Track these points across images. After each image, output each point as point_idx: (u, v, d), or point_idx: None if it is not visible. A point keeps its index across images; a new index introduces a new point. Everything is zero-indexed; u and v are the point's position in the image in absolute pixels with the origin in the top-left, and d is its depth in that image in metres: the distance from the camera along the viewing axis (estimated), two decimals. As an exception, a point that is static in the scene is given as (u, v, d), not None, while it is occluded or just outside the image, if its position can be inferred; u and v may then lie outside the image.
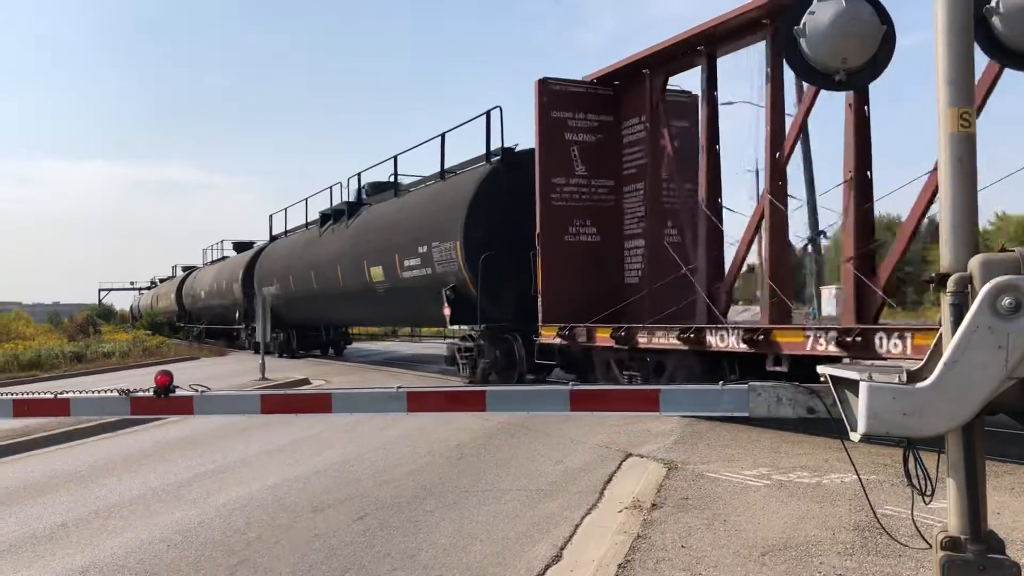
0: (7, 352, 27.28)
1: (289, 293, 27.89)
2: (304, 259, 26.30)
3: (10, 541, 6.69)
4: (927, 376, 3.57)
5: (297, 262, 27.07)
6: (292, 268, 27.39)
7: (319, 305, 26.23)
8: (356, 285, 21.65)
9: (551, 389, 4.64)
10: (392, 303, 20.69)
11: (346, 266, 22.25)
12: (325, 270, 23.98)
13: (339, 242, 23.24)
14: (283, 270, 28.60)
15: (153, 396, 4.98)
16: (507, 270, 15.38)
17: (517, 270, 14.98)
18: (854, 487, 6.99)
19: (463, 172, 17.88)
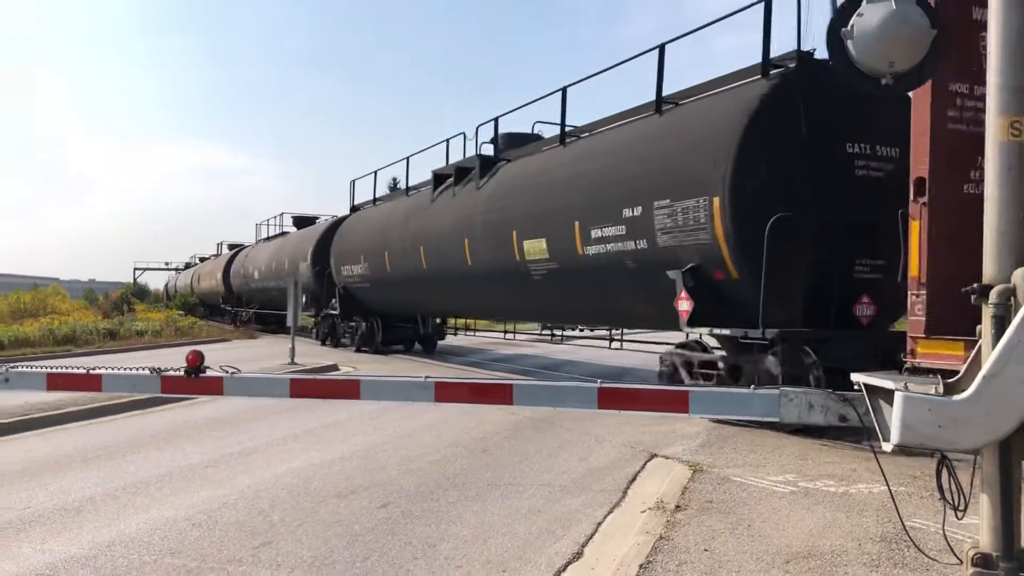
0: (43, 326, 27.71)
1: (381, 274, 22.60)
2: (407, 232, 20.73)
3: (40, 512, 6.80)
4: (965, 388, 3.51)
5: (395, 236, 21.52)
6: (388, 243, 21.87)
7: (426, 289, 20.61)
8: (496, 264, 16.11)
9: (579, 385, 4.61)
10: (556, 289, 14.57)
11: (479, 239, 16.73)
12: (441, 245, 18.63)
13: (465, 208, 17.71)
14: (373, 246, 23.04)
15: (184, 376, 5.03)
16: (799, 246, 9.98)
17: (813, 245, 10.12)
18: (882, 498, 6.89)
19: (710, 96, 11.84)
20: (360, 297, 24.95)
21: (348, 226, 26.60)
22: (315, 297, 28.12)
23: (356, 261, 24.35)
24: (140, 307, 50.06)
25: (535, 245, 14.57)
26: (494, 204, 16.40)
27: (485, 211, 16.64)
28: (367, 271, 23.60)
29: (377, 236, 23.05)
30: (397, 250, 21.36)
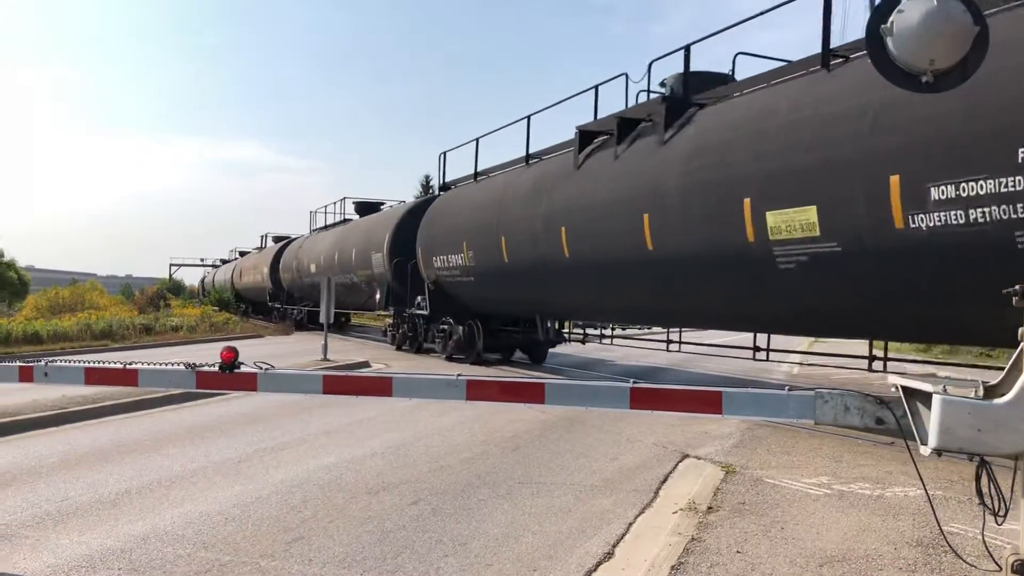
0: (81, 321, 28.15)
1: (492, 265, 17.79)
2: (536, 209, 15.72)
3: (77, 505, 6.90)
4: (1005, 392, 3.45)
5: (516, 215, 16.63)
6: (505, 226, 17.02)
7: (565, 283, 15.26)
8: (703, 247, 11.12)
9: (611, 385, 4.59)
10: (829, 282, 9.43)
11: (672, 213, 11.67)
12: (597, 224, 13.57)
13: (644, 172, 12.53)
14: (481, 230, 18.20)
15: (218, 371, 5.08)
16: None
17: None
18: (918, 502, 6.80)
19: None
20: (456, 294, 20.55)
21: (441, 207, 21.72)
22: (393, 294, 24.19)
23: (454, 249, 19.70)
24: (175, 303, 50.75)
25: (790, 217, 9.50)
26: (702, 161, 11.18)
27: (683, 172, 11.46)
28: (471, 262, 18.77)
29: (487, 217, 18.09)
30: (519, 233, 16.48)
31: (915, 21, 4.07)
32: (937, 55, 4.10)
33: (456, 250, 19.61)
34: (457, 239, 19.56)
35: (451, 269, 20.13)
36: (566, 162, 15.50)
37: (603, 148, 14.33)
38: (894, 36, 4.15)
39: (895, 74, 4.27)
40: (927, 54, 4.11)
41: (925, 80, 4.19)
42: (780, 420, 5.61)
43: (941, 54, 4.09)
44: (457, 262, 19.66)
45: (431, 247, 21.34)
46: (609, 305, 15.63)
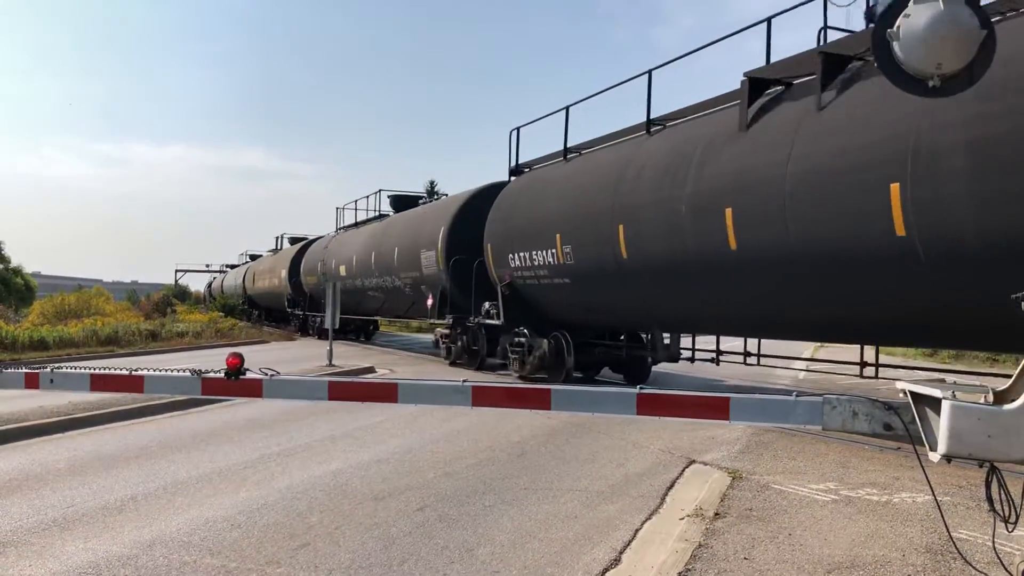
0: (87, 327, 28.21)
1: (600, 263, 13.96)
2: (681, 189, 11.62)
3: (83, 511, 6.90)
4: (1015, 398, 3.43)
5: (642, 198, 12.69)
6: (623, 211, 13.19)
7: (721, 285, 11.30)
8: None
9: (617, 391, 4.58)
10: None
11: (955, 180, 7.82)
12: (792, 200, 9.61)
13: (886, 125, 8.60)
14: (586, 218, 14.30)
15: (224, 377, 5.08)
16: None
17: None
18: (926, 507, 6.77)
19: None
20: (538, 299, 16.77)
21: (518, 194, 17.83)
22: (449, 299, 20.64)
23: (540, 244, 15.82)
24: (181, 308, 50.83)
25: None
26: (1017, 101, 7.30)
27: (978, 118, 7.55)
28: (568, 259, 14.84)
29: (595, 203, 14.05)
30: (647, 222, 12.55)
31: (922, 25, 4.06)
32: (944, 59, 4.09)
33: (544, 245, 15.69)
34: (546, 232, 15.61)
35: (535, 269, 16.29)
36: (723, 122, 11.56)
37: (786, 99, 10.64)
38: (901, 40, 4.14)
39: (902, 79, 4.26)
40: (934, 58, 4.10)
41: (932, 84, 4.17)
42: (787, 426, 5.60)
43: (948, 58, 4.08)
44: (545, 260, 15.77)
45: (506, 242, 17.36)
46: (807, 317, 10.73)
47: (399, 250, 24.19)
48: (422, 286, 22.64)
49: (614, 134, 15.39)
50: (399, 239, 24.58)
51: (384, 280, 25.59)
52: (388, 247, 25.26)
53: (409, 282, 23.66)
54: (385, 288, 25.91)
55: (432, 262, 21.38)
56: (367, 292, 27.86)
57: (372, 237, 27.78)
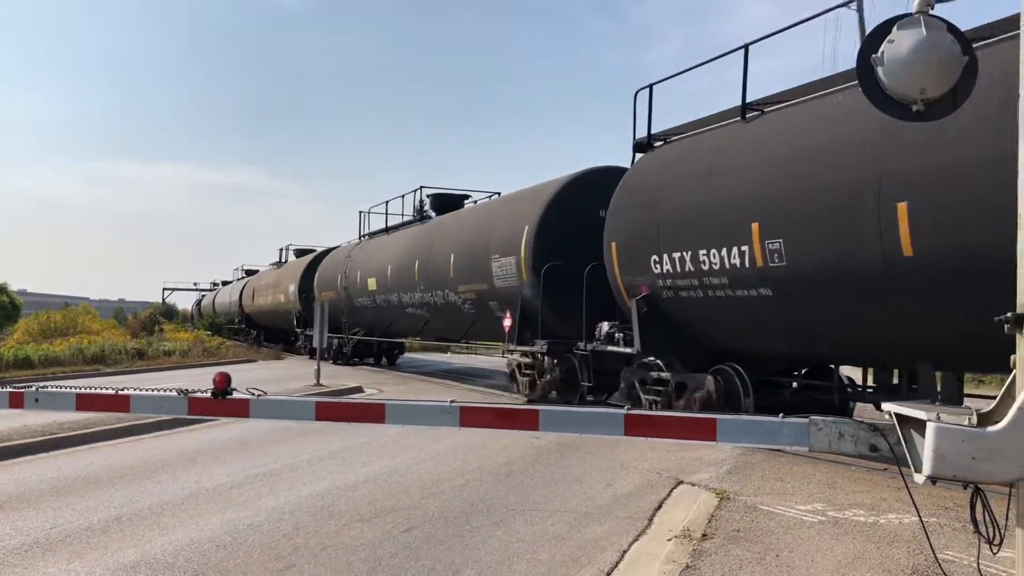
0: (73, 345, 28.03)
1: (843, 263, 9.23)
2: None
3: (67, 532, 6.83)
4: (999, 420, 3.45)
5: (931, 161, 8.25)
6: (897, 184, 8.58)
7: None
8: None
9: (605, 412, 4.58)
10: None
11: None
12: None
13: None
14: (811, 198, 9.70)
15: (210, 397, 5.06)
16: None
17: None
18: (913, 528, 6.78)
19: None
20: (698, 320, 12.13)
21: (662, 171, 13.03)
22: (540, 319, 16.15)
23: (714, 240, 11.13)
24: (168, 327, 50.60)
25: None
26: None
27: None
28: (772, 260, 10.17)
29: (837, 170, 9.37)
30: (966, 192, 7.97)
31: (905, 51, 4.11)
32: (927, 84, 4.14)
33: (724, 241, 10.96)
34: (730, 220, 10.89)
35: (701, 276, 11.49)
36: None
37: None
38: (885, 65, 4.19)
39: (886, 103, 4.31)
40: (918, 83, 4.14)
41: (916, 109, 4.22)
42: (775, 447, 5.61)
43: (931, 83, 4.13)
44: (726, 262, 10.91)
45: (647, 240, 12.67)
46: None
47: (456, 257, 19.57)
48: (491, 302, 18.31)
49: (821, 81, 10.77)
50: (455, 244, 19.86)
51: (432, 295, 20.81)
52: (440, 254, 20.46)
53: (471, 297, 19.27)
54: (433, 305, 20.95)
55: (509, 271, 17.07)
56: (405, 310, 23.06)
57: (414, 243, 22.67)
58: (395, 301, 24.12)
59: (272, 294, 39.78)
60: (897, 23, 4.24)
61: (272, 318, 40.88)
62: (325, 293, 30.67)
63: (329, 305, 24.63)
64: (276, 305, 38.91)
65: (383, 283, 24.78)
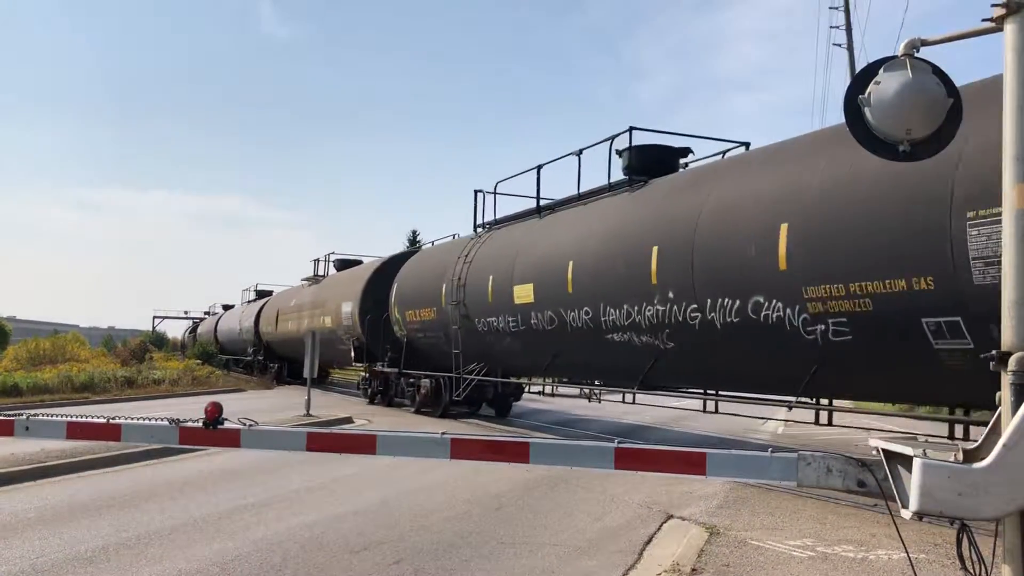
0: (62, 373, 27.89)
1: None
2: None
3: (53, 562, 6.78)
4: (984, 456, 3.49)
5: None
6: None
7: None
8: None
9: (595, 445, 4.61)
10: None
11: None
12: None
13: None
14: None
15: (202, 427, 5.06)
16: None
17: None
18: (902, 565, 6.78)
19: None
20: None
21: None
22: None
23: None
24: (158, 355, 50.35)
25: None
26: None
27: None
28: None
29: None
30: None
31: (891, 92, 4.20)
32: (913, 125, 4.23)
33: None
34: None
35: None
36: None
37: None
38: (872, 107, 4.28)
39: (874, 143, 4.39)
40: (904, 124, 4.23)
41: (902, 149, 4.31)
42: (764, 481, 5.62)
43: (917, 124, 4.22)
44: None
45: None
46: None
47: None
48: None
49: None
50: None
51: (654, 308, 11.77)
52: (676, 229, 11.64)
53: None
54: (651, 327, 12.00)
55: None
56: (606, 336, 13.15)
57: (603, 221, 13.78)
58: (587, 322, 13.66)
59: (310, 317, 30.52)
60: (884, 65, 4.34)
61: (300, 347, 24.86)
62: (418, 312, 21.12)
63: (418, 328, 20.80)
64: (291, 334, 32.59)
65: (555, 288, 14.61)
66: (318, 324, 28.59)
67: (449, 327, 19.14)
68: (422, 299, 20.80)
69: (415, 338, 21.57)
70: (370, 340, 24.42)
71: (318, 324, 28.59)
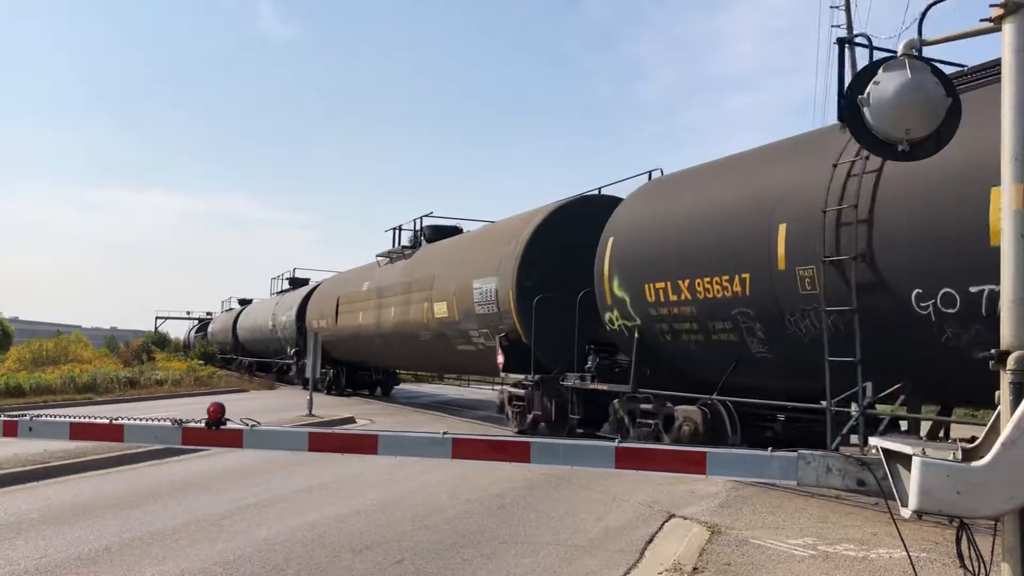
0: (64, 374, 27.93)
1: None
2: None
3: (56, 562, 6.81)
4: (983, 455, 3.50)
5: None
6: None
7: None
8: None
9: (596, 444, 4.62)
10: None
11: None
12: None
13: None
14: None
15: (204, 427, 5.08)
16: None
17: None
18: (903, 564, 6.79)
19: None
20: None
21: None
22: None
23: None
24: (160, 356, 50.41)
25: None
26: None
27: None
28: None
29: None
30: None
31: (890, 92, 4.22)
32: (912, 125, 4.24)
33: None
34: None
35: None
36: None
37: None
38: (871, 107, 4.29)
39: (873, 142, 4.41)
40: (903, 124, 4.25)
41: (901, 149, 4.32)
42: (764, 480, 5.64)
43: (916, 124, 4.23)
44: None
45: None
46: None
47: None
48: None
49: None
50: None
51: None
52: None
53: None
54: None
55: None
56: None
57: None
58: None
59: (402, 304, 22.28)
60: (883, 65, 4.36)
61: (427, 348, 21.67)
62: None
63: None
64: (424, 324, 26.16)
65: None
66: (419, 315, 20.71)
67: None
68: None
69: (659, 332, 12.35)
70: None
71: (419, 315, 20.71)
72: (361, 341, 25.39)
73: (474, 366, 19.77)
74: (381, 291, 23.46)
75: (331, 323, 27.53)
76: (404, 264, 22.95)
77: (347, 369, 29.14)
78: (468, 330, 18.41)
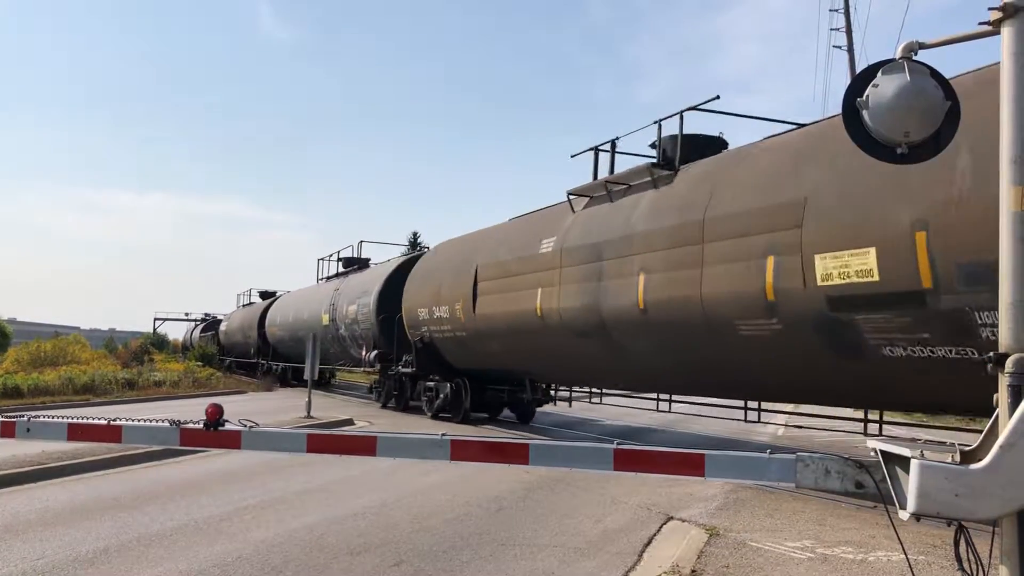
0: (63, 375, 27.91)
1: None
2: None
3: (53, 563, 6.80)
4: (982, 457, 3.50)
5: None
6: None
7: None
8: None
9: (595, 447, 4.62)
10: None
11: None
12: None
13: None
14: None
15: (203, 428, 5.08)
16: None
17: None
18: (901, 566, 6.79)
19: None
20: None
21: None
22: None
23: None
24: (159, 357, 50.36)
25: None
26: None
27: None
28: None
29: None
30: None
31: (889, 95, 4.22)
32: (911, 128, 4.24)
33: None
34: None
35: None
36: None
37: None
38: (870, 109, 4.29)
39: (871, 145, 4.40)
40: (901, 127, 4.24)
41: (900, 152, 4.32)
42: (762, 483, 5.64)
43: (915, 127, 4.23)
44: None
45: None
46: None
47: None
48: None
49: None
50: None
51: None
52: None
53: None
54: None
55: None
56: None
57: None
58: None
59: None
60: (882, 68, 4.36)
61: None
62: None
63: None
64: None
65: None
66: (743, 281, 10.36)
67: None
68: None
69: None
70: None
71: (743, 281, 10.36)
72: (531, 338, 15.72)
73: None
74: (599, 248, 13.44)
75: (461, 311, 18.30)
76: (655, 196, 12.72)
77: (470, 382, 19.91)
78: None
